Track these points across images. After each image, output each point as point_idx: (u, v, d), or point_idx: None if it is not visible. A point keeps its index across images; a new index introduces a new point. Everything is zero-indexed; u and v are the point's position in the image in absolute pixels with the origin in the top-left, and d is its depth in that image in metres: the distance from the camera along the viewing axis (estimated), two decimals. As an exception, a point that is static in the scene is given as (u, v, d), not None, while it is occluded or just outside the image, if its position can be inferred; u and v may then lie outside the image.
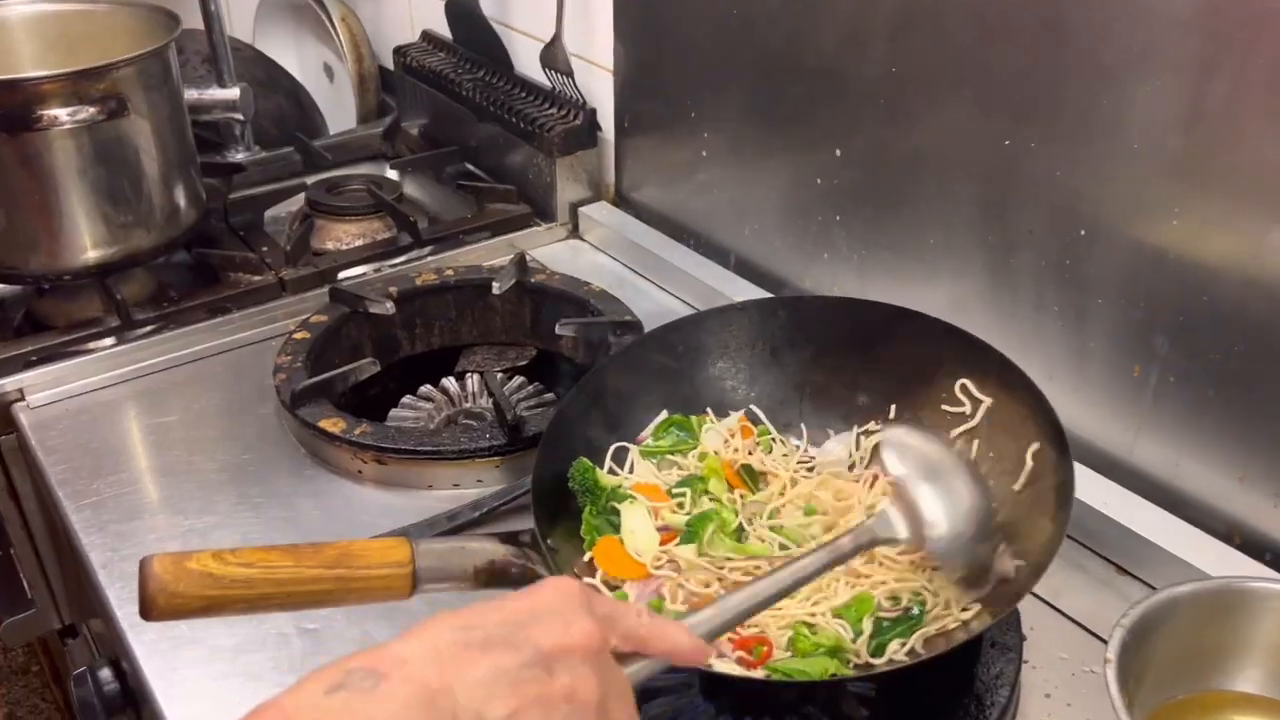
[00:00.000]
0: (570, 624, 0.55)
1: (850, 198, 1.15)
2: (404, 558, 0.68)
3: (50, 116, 1.14)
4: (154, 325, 1.25)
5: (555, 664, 0.53)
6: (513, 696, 0.51)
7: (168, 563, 0.62)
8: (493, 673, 0.52)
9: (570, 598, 0.56)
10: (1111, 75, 0.88)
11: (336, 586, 0.66)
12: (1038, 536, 0.76)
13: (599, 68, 1.43)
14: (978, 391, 0.88)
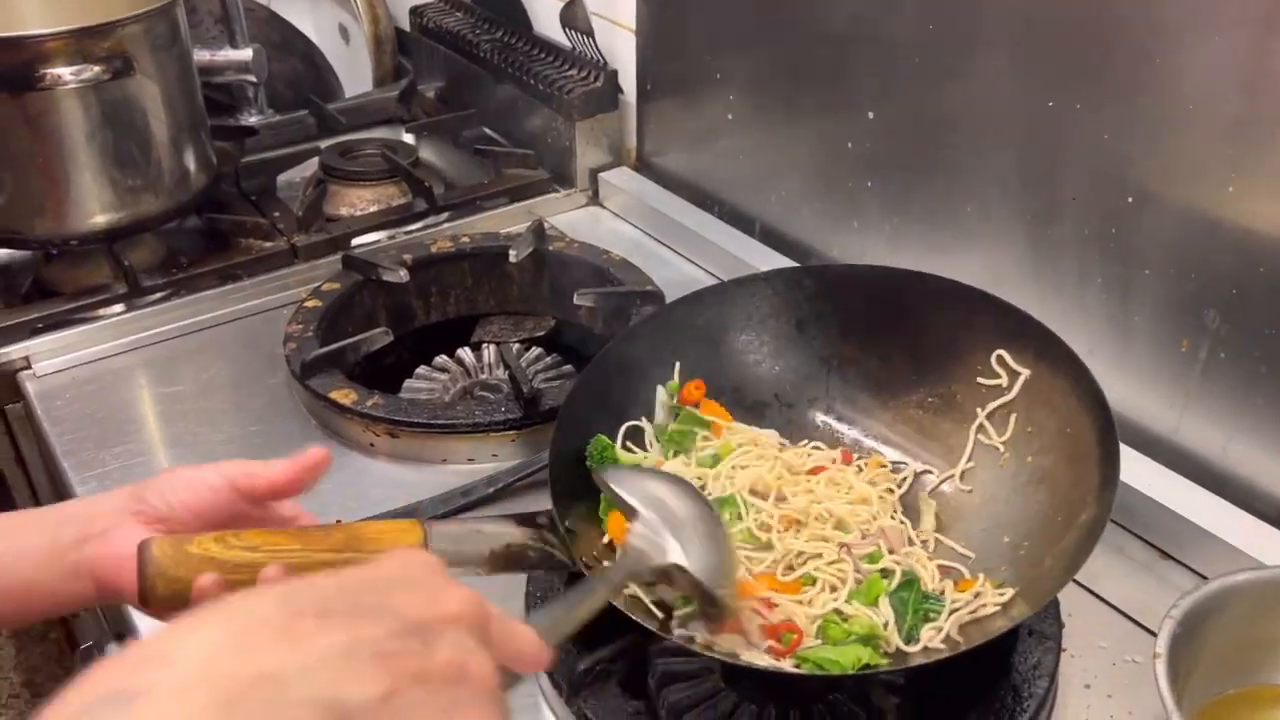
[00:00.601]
0: (439, 593, 0.43)
1: (882, 163, 1.10)
2: (416, 541, 0.64)
3: (54, 76, 1.11)
4: (163, 292, 1.22)
5: (431, 635, 0.41)
6: (383, 672, 0.38)
7: (167, 546, 0.58)
8: (347, 645, 0.38)
9: (431, 567, 0.45)
10: (1166, 31, 0.83)
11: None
12: (1081, 518, 0.73)
13: (621, 27, 1.38)
14: (1015, 363, 0.84)
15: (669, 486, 0.72)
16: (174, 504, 0.61)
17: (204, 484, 0.61)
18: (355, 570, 0.43)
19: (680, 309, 0.93)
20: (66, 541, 0.59)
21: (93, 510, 0.61)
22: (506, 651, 0.46)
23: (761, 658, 0.71)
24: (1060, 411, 0.80)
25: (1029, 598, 0.72)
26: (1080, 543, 0.70)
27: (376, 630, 0.39)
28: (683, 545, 0.67)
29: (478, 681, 0.42)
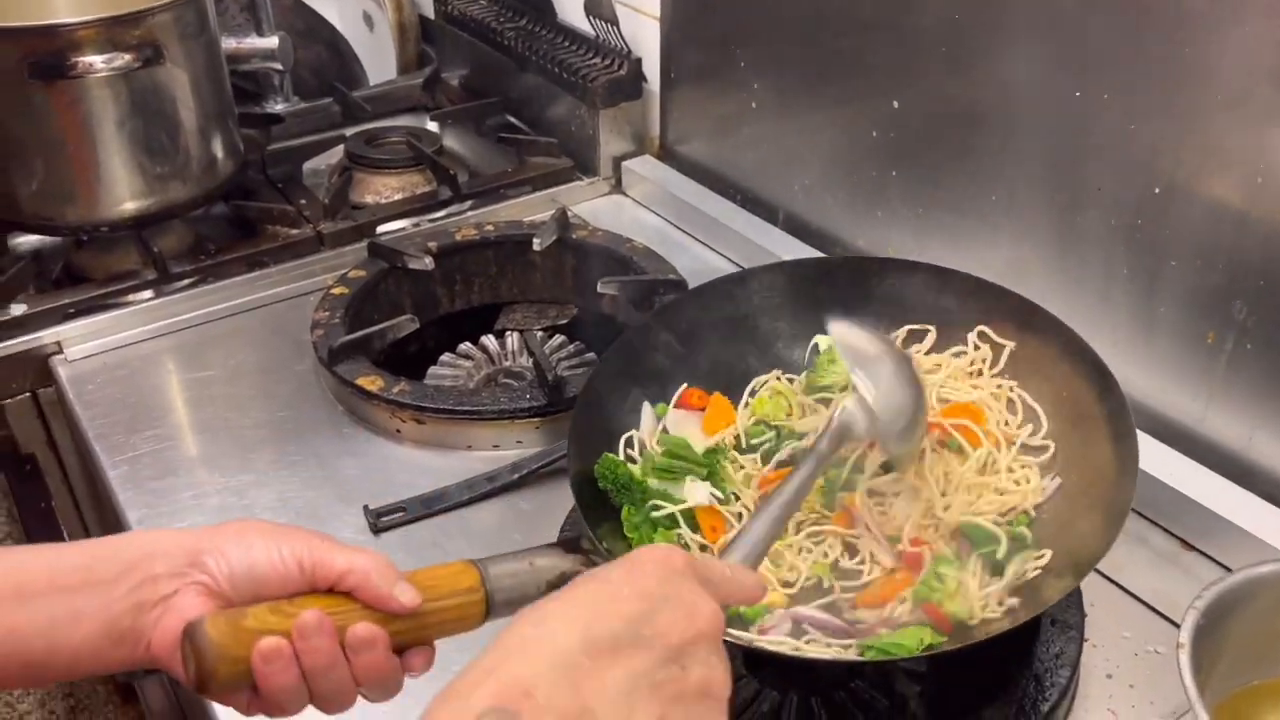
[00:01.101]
0: (694, 610, 0.51)
1: (907, 152, 1.10)
2: (474, 584, 0.59)
3: (85, 64, 1.12)
4: (191, 279, 1.23)
5: (685, 657, 0.49)
6: (654, 702, 0.47)
7: (222, 624, 0.52)
8: (630, 680, 0.47)
9: (680, 573, 0.52)
10: (1195, 21, 0.83)
11: (407, 628, 0.56)
12: (1102, 482, 0.74)
13: (645, 15, 1.38)
14: (997, 336, 0.87)
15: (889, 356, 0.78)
16: (236, 575, 0.56)
17: (269, 563, 0.56)
18: (624, 586, 0.50)
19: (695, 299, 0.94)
20: (120, 609, 0.55)
21: (151, 569, 0.55)
22: (740, 599, 0.57)
23: (821, 651, 0.72)
24: (1054, 378, 0.83)
25: (1069, 562, 0.73)
26: (1111, 502, 0.72)
27: (648, 661, 0.48)
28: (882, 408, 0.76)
29: (718, 692, 0.50)
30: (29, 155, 1.17)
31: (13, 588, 0.54)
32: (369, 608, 0.55)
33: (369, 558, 0.56)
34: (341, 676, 0.54)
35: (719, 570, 0.55)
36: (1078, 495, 0.78)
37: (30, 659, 0.54)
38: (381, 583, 0.55)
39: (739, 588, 0.56)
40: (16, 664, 0.54)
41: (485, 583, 0.59)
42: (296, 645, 0.53)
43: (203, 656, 0.51)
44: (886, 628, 0.73)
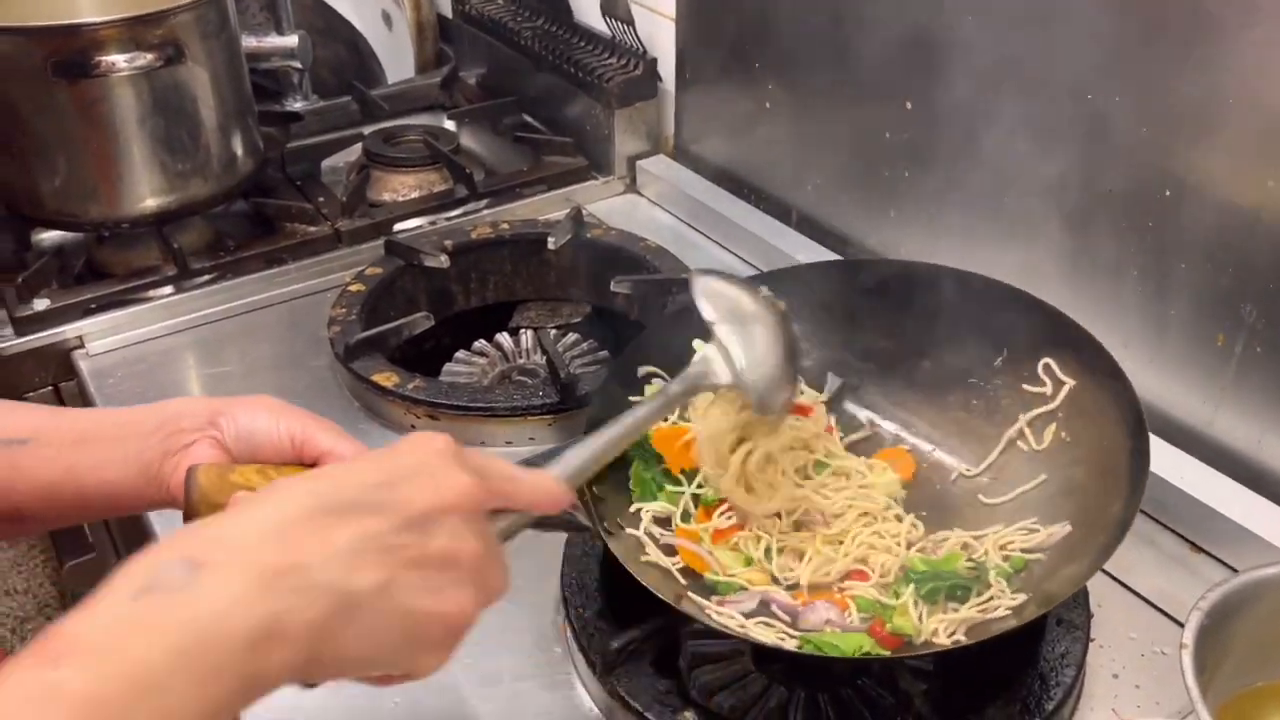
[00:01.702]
0: (443, 481, 0.50)
1: (920, 153, 1.11)
2: None
3: (108, 63, 1.13)
4: (210, 275, 1.25)
5: (430, 525, 0.49)
6: (382, 565, 0.47)
7: (212, 473, 0.62)
8: (357, 540, 0.47)
9: (439, 453, 0.52)
10: (1207, 25, 0.83)
11: None
12: (1104, 522, 0.73)
13: (661, 15, 1.39)
14: (1061, 373, 0.84)
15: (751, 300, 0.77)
16: (240, 437, 0.64)
17: (270, 432, 0.64)
18: (375, 461, 0.51)
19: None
20: (153, 454, 0.64)
21: (179, 423, 0.64)
22: (520, 504, 0.56)
23: (767, 636, 0.73)
24: (1099, 424, 0.80)
25: (1039, 601, 0.73)
26: (1093, 559, 0.71)
27: (382, 525, 0.48)
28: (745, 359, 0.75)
29: (467, 563, 0.50)
30: (52, 152, 1.19)
31: (75, 436, 0.65)
32: None
33: (350, 445, 0.63)
34: None
35: (496, 464, 0.55)
36: (1077, 544, 0.76)
37: (83, 493, 0.64)
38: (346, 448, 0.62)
39: (524, 488, 0.56)
40: (70, 496, 0.64)
41: None
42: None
43: (190, 497, 0.60)
44: (837, 628, 0.74)
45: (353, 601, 0.46)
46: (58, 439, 0.65)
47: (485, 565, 0.51)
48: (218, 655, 0.42)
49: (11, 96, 1.15)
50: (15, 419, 0.66)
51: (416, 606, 0.48)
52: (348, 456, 0.63)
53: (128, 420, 0.66)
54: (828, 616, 0.75)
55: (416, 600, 0.48)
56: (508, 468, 0.56)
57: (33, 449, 0.64)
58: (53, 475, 0.64)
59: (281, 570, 0.45)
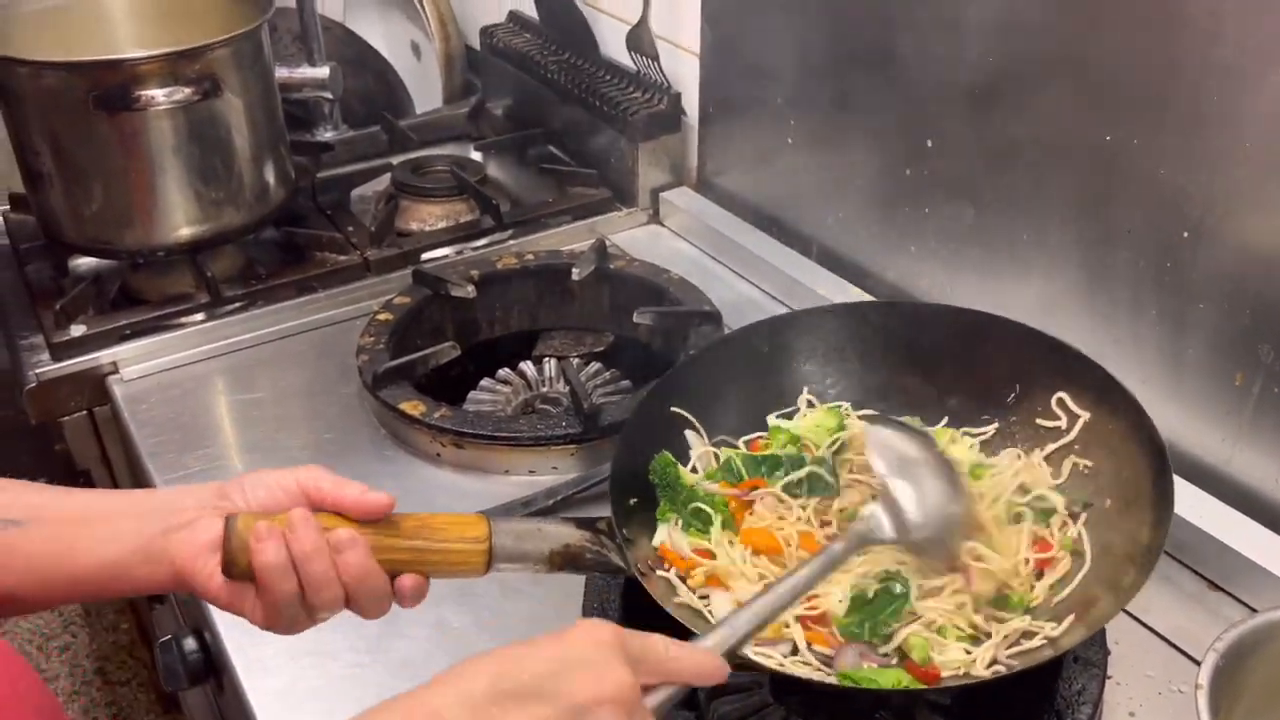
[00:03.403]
0: (604, 674, 0.55)
1: (940, 190, 1.12)
2: (481, 534, 0.68)
3: (148, 97, 1.17)
4: (242, 302, 1.28)
5: (589, 715, 0.54)
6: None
7: (250, 520, 0.63)
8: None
9: (603, 644, 0.57)
10: (1224, 70, 0.84)
11: (413, 557, 0.66)
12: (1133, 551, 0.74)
13: (685, 51, 1.41)
14: (1075, 406, 0.85)
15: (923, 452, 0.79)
16: (252, 503, 0.66)
17: (280, 488, 0.67)
18: (547, 649, 0.56)
19: (746, 335, 0.95)
20: (152, 531, 0.65)
21: (181, 503, 0.66)
22: (681, 679, 0.59)
23: (805, 670, 0.74)
24: (1119, 454, 0.81)
25: (1088, 623, 0.73)
26: (1124, 592, 0.72)
27: (549, 712, 0.54)
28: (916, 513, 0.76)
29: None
30: (90, 182, 1.22)
31: (76, 517, 0.67)
32: (380, 533, 0.65)
33: (354, 486, 0.66)
34: (324, 567, 0.63)
35: (655, 648, 0.59)
36: (1095, 580, 0.77)
37: (76, 574, 0.65)
38: (357, 490, 0.66)
39: (684, 666, 0.59)
40: (65, 578, 0.66)
41: (491, 536, 0.67)
42: (286, 534, 0.63)
43: (229, 541, 0.62)
44: (873, 663, 0.75)
45: None
46: (55, 519, 0.66)
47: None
48: None
49: (54, 128, 1.19)
50: (12, 498, 0.67)
51: None
52: (351, 483, 0.66)
53: (127, 500, 0.68)
54: (858, 656, 0.76)
55: None
56: (668, 648, 0.59)
57: (30, 530, 0.65)
58: (48, 557, 0.65)
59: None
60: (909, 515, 0.76)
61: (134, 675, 2.09)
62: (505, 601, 0.90)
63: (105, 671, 2.10)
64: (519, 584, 0.91)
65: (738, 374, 0.94)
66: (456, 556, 0.67)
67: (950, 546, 0.77)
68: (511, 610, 0.89)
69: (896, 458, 0.79)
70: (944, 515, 0.77)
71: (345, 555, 0.64)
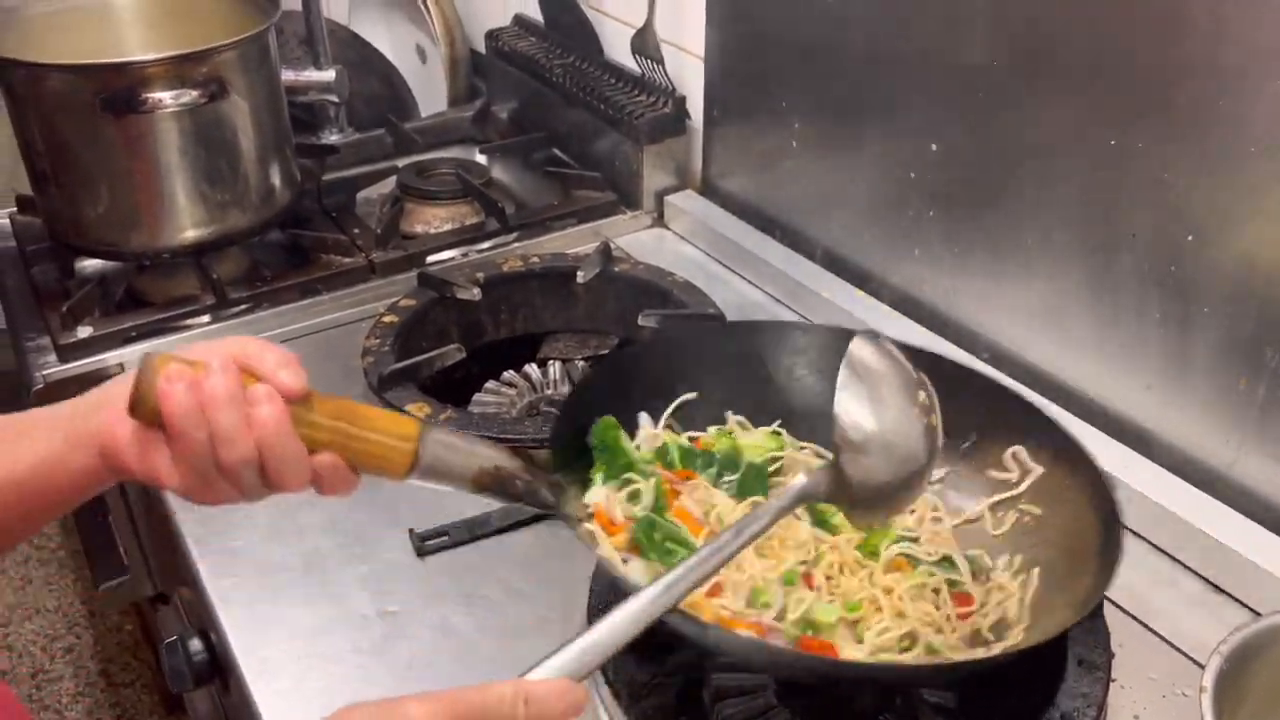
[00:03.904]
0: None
1: (945, 193, 1.12)
2: (409, 433, 0.64)
3: (155, 99, 1.17)
4: (247, 304, 1.28)
5: None
6: None
7: (167, 359, 0.60)
8: None
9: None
10: (1230, 74, 0.84)
11: (333, 438, 0.63)
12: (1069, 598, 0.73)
13: (690, 55, 1.42)
14: (1031, 460, 0.82)
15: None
16: None
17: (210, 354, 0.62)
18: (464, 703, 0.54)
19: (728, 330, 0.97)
20: (81, 413, 0.64)
21: (110, 390, 0.65)
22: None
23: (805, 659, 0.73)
24: (1070, 508, 0.78)
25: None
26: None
27: None
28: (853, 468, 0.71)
29: None
30: (97, 184, 1.23)
31: (17, 431, 0.66)
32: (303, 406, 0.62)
33: (278, 350, 0.63)
34: (236, 419, 0.59)
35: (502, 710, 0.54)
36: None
37: (17, 476, 0.65)
38: (273, 361, 0.62)
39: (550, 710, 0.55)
40: (10, 483, 0.65)
41: (421, 440, 0.64)
42: (200, 375, 0.59)
43: (140, 380, 0.58)
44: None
45: None
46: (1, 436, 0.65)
47: None
48: None
49: (61, 131, 1.19)
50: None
51: None
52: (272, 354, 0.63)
53: (70, 405, 0.66)
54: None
55: None
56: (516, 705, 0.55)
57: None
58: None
59: None
60: (852, 477, 0.71)
61: (138, 677, 2.10)
62: (510, 605, 0.90)
63: (109, 673, 2.11)
64: (525, 586, 0.92)
65: (711, 365, 0.90)
66: (377, 448, 0.63)
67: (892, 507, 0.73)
68: (515, 614, 0.89)
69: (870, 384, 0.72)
70: (895, 476, 0.72)
71: (259, 409, 0.60)
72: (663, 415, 0.88)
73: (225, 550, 0.96)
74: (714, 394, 0.90)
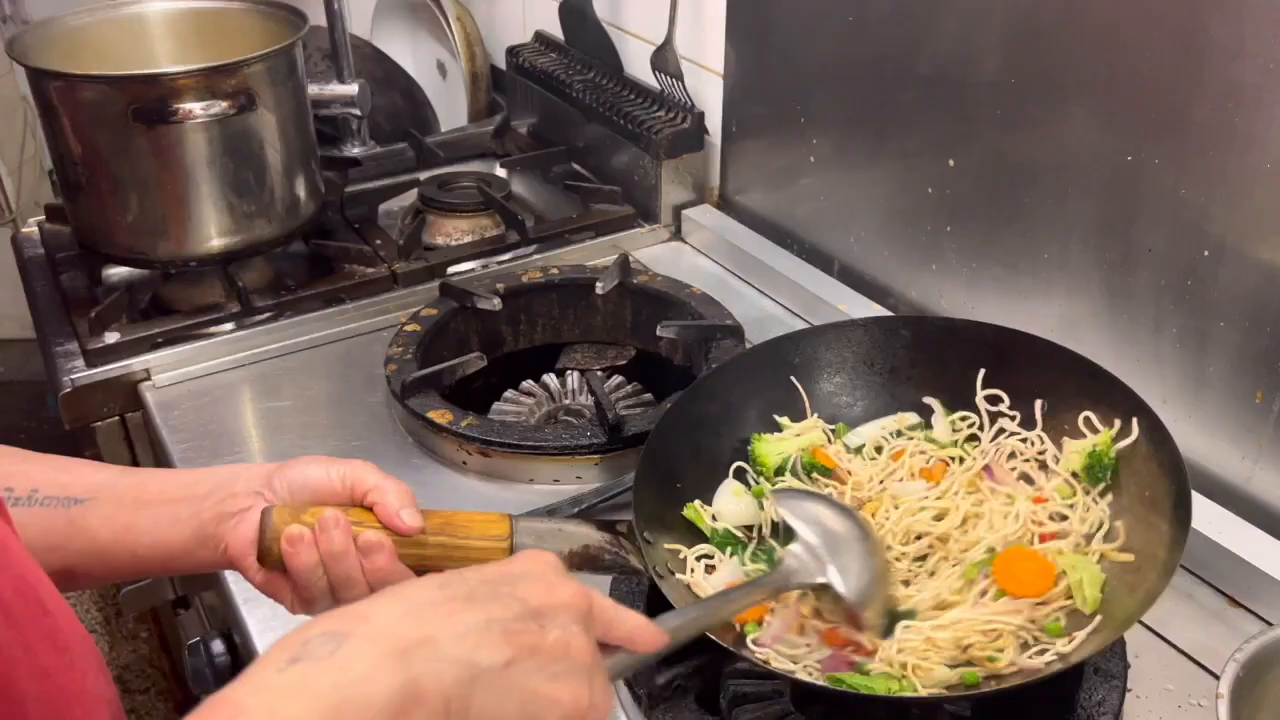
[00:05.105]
0: (555, 585, 0.55)
1: (962, 208, 1.14)
2: (503, 533, 0.71)
3: (185, 110, 1.19)
4: (271, 312, 1.30)
5: (545, 618, 0.53)
6: (507, 645, 0.51)
7: (285, 514, 0.67)
8: (483, 622, 0.51)
9: (550, 564, 0.57)
10: (1246, 91, 0.86)
11: (438, 553, 0.69)
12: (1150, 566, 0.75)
13: (709, 71, 1.44)
14: (1100, 424, 0.85)
15: (834, 512, 0.79)
16: (296, 491, 0.70)
17: (320, 479, 0.70)
18: (495, 567, 0.57)
19: (773, 347, 0.97)
20: (208, 516, 0.69)
21: (233, 488, 0.69)
22: (619, 634, 0.58)
23: (760, 654, 0.75)
24: (1141, 475, 0.81)
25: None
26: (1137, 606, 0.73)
27: (506, 612, 0.52)
28: (839, 568, 0.74)
29: (577, 656, 0.54)
30: (127, 193, 1.25)
31: (133, 497, 0.69)
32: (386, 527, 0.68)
33: (393, 483, 0.70)
34: (351, 567, 0.66)
35: (602, 602, 0.58)
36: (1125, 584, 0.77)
37: (136, 554, 0.69)
38: (394, 502, 0.68)
39: (624, 617, 0.59)
40: (125, 556, 0.69)
41: (513, 534, 0.70)
42: (317, 535, 0.66)
43: (264, 535, 0.66)
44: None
45: (479, 674, 0.50)
46: (115, 499, 0.69)
47: (595, 666, 0.55)
48: (364, 716, 0.46)
49: (94, 141, 1.22)
50: (74, 477, 0.70)
51: (536, 688, 0.52)
52: (391, 491, 0.69)
53: (184, 483, 0.71)
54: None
55: (535, 682, 0.52)
56: (611, 603, 0.60)
57: (90, 508, 0.68)
58: (108, 535, 0.68)
59: (417, 642, 0.49)
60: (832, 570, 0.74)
61: (152, 684, 2.11)
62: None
63: (124, 680, 2.12)
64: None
65: (764, 386, 0.95)
66: (478, 554, 0.70)
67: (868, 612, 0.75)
68: (536, 616, 0.90)
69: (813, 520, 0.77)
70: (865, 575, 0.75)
71: (372, 558, 0.67)
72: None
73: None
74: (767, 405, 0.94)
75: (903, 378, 0.95)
